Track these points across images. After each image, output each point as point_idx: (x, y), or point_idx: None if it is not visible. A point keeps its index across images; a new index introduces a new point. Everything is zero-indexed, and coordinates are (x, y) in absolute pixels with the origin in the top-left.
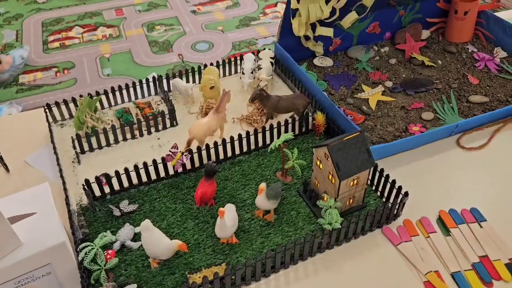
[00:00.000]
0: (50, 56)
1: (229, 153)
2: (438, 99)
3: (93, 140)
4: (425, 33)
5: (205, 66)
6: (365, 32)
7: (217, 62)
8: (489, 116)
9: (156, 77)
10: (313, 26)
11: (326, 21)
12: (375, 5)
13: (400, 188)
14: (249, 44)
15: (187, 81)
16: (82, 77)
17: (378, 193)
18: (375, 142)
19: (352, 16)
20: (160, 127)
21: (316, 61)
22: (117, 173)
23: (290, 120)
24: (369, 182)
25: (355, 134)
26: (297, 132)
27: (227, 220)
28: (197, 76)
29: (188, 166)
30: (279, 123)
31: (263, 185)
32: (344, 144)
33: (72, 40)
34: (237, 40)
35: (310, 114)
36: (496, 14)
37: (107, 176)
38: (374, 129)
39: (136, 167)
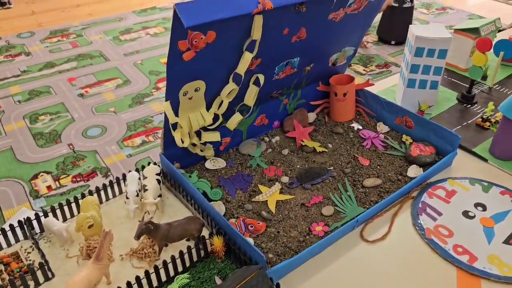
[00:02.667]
0: None
1: None
2: (335, 189)
3: None
4: (312, 116)
5: (83, 196)
6: (253, 125)
7: (96, 188)
8: (386, 202)
9: (24, 220)
10: (199, 132)
11: (210, 127)
12: (258, 100)
13: None
14: (145, 123)
15: (64, 216)
16: None
17: None
18: (280, 253)
19: (237, 117)
20: (32, 285)
21: (208, 164)
22: None
23: (185, 251)
24: None
25: (254, 273)
26: (196, 258)
27: None
28: (75, 209)
29: None
30: (173, 257)
31: None
32: None
33: None
34: (131, 120)
35: (206, 237)
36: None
37: None
38: (277, 237)
39: None
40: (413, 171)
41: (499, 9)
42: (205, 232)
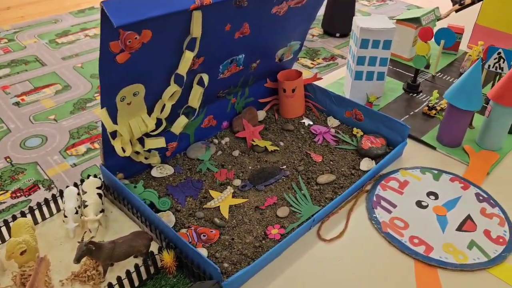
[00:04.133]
0: None
1: None
2: (289, 188)
3: None
4: (261, 114)
5: (14, 218)
6: (201, 127)
7: (30, 207)
8: (341, 198)
9: None
10: (142, 139)
11: (153, 133)
12: (204, 101)
13: None
14: (89, 129)
15: None
16: None
17: None
18: (235, 261)
19: (182, 121)
20: None
21: (154, 172)
22: None
23: (132, 269)
24: None
25: None
26: (145, 276)
27: None
28: (5, 233)
29: None
30: (119, 278)
31: None
32: None
33: None
34: (74, 127)
35: (155, 252)
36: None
37: None
38: (232, 244)
39: None
40: (366, 164)
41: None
42: (154, 247)
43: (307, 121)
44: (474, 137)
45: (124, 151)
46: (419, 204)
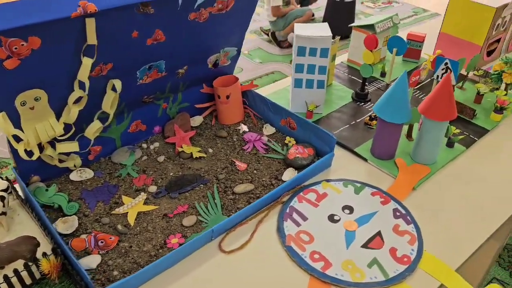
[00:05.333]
0: None
1: None
2: (204, 197)
3: None
4: (198, 119)
5: None
6: (127, 132)
7: None
8: (250, 209)
9: None
10: (54, 143)
11: (62, 137)
12: (128, 106)
13: None
14: None
15: None
16: None
17: None
18: (126, 270)
19: (95, 125)
20: None
21: (74, 176)
22: None
23: (11, 274)
24: None
25: None
26: (29, 281)
27: None
28: None
29: None
30: None
31: None
32: None
33: None
34: None
35: (44, 257)
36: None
37: None
38: (128, 252)
39: None
40: (289, 174)
41: (445, 3)
42: (45, 250)
43: (243, 128)
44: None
45: (32, 154)
46: (331, 218)
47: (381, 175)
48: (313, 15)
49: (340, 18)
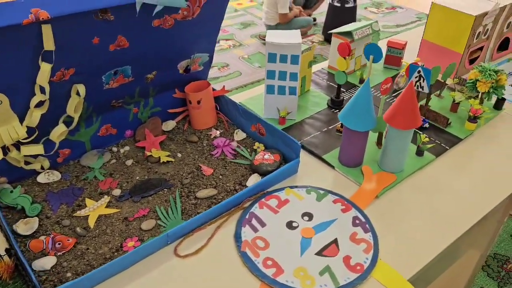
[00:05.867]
0: None
1: None
2: (166, 201)
3: None
4: (171, 124)
5: None
6: (97, 136)
7: None
8: (208, 214)
9: None
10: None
11: (25, 140)
12: (96, 110)
13: None
14: None
15: None
16: None
17: None
18: (79, 272)
19: (59, 129)
20: None
21: (41, 178)
22: None
23: None
24: None
25: None
26: None
27: None
28: None
29: None
30: None
31: None
32: None
33: None
34: None
35: None
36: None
37: None
38: (84, 254)
39: None
40: (253, 180)
41: None
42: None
43: (215, 133)
44: None
45: None
46: (289, 224)
47: (347, 182)
48: (314, 19)
49: (341, 23)
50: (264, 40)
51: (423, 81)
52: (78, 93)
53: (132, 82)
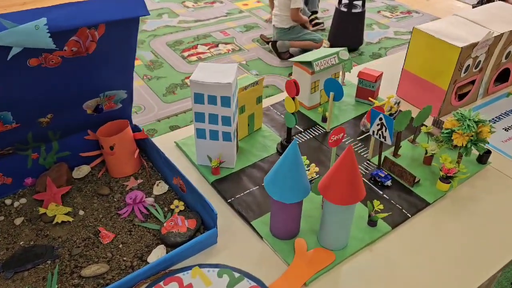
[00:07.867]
0: None
1: None
2: (43, 279)
3: None
4: (85, 170)
5: None
6: None
7: None
8: None
9: None
10: None
11: None
12: None
13: None
14: None
15: None
16: None
17: None
18: None
19: None
20: None
21: None
22: None
23: None
24: None
25: None
26: None
27: None
28: None
29: None
30: None
31: None
32: None
33: None
34: None
35: None
36: None
37: None
38: None
39: None
40: (157, 254)
41: None
42: None
43: (133, 183)
44: None
45: None
46: None
47: (274, 260)
48: (322, 23)
49: (348, 29)
50: (267, 42)
51: (385, 131)
52: None
53: (19, 128)
